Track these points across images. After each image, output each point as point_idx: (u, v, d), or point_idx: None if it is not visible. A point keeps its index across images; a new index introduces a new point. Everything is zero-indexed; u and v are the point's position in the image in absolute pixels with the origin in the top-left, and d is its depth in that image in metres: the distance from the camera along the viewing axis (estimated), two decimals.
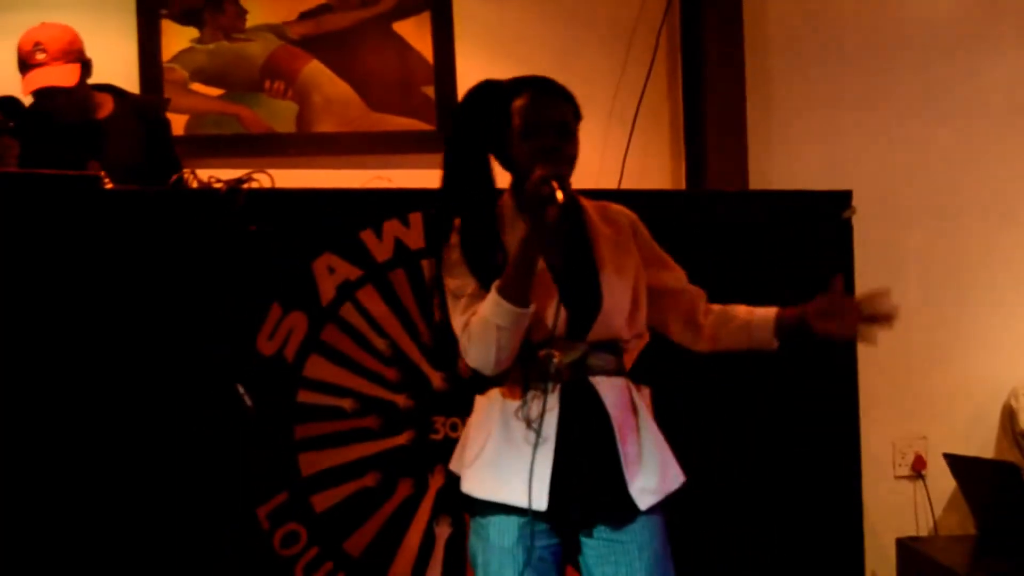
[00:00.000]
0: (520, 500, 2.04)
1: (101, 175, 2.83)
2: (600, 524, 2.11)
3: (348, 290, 2.87)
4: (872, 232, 3.31)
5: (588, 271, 2.13)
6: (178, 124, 3.74)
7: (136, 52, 3.84)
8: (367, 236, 2.89)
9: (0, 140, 3.12)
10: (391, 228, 2.90)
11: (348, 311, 2.87)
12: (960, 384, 4.01)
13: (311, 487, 2.83)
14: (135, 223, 2.76)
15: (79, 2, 3.73)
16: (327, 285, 2.86)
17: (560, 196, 1.94)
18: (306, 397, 2.85)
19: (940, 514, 3.99)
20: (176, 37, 3.88)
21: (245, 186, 2.81)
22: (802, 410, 3.08)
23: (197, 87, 3.89)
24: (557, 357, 2.08)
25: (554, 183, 1.95)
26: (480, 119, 2.15)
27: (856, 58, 4.11)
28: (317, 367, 2.85)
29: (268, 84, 3.91)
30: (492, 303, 2.00)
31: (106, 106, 3.31)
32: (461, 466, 2.16)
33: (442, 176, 2.18)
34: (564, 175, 2.01)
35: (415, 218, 2.90)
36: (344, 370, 2.87)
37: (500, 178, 2.20)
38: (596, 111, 4.01)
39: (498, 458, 2.08)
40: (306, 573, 2.82)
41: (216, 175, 2.86)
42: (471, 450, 2.13)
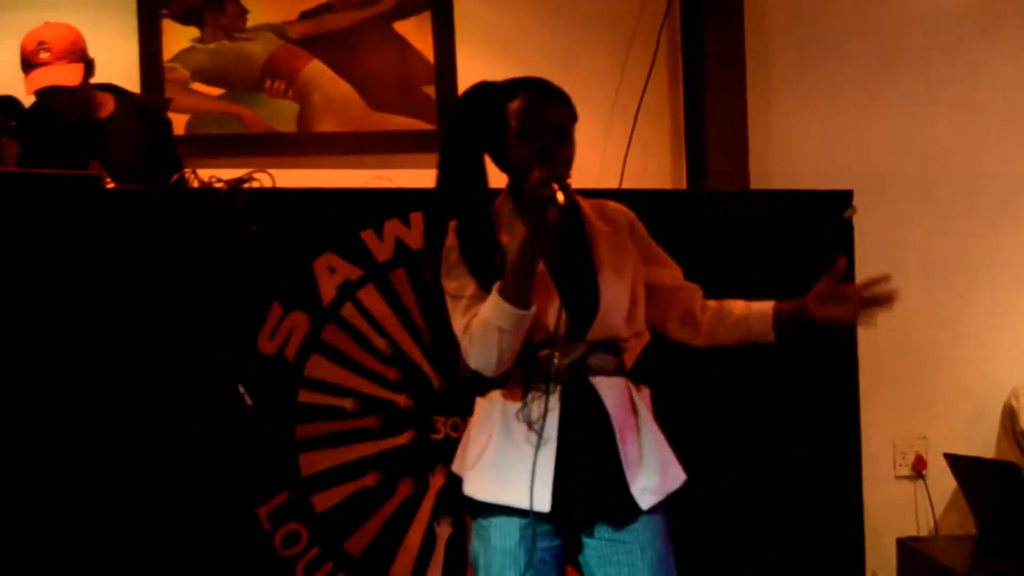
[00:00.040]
0: (522, 502, 2.03)
1: (101, 175, 2.83)
2: (602, 524, 2.11)
3: (349, 290, 2.87)
4: (873, 232, 3.31)
5: (586, 271, 2.13)
6: (179, 124, 3.75)
7: (137, 52, 3.84)
8: (368, 236, 2.89)
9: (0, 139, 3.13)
10: (392, 228, 2.90)
11: (349, 311, 2.87)
12: (960, 384, 4.01)
13: (312, 487, 2.83)
14: (136, 223, 2.76)
15: (80, 2, 3.73)
16: (328, 285, 2.86)
17: (561, 198, 1.94)
18: (307, 397, 2.85)
19: (940, 514, 3.99)
20: (177, 37, 3.88)
21: (246, 186, 2.81)
22: (802, 410, 3.08)
23: (198, 87, 3.89)
24: (557, 358, 2.07)
25: (555, 185, 1.95)
26: (476, 121, 2.14)
27: (856, 57, 4.11)
28: (318, 367, 2.85)
29: (269, 84, 3.91)
30: (493, 305, 2.00)
31: (107, 106, 3.30)
32: (463, 468, 2.16)
33: (437, 177, 2.17)
34: (564, 177, 2.01)
35: (416, 218, 2.90)
36: (345, 370, 2.87)
37: (493, 179, 2.20)
38: (597, 111, 4.00)
39: (500, 460, 2.08)
40: (307, 573, 2.82)
41: (217, 175, 2.86)
42: (472, 452, 2.13)
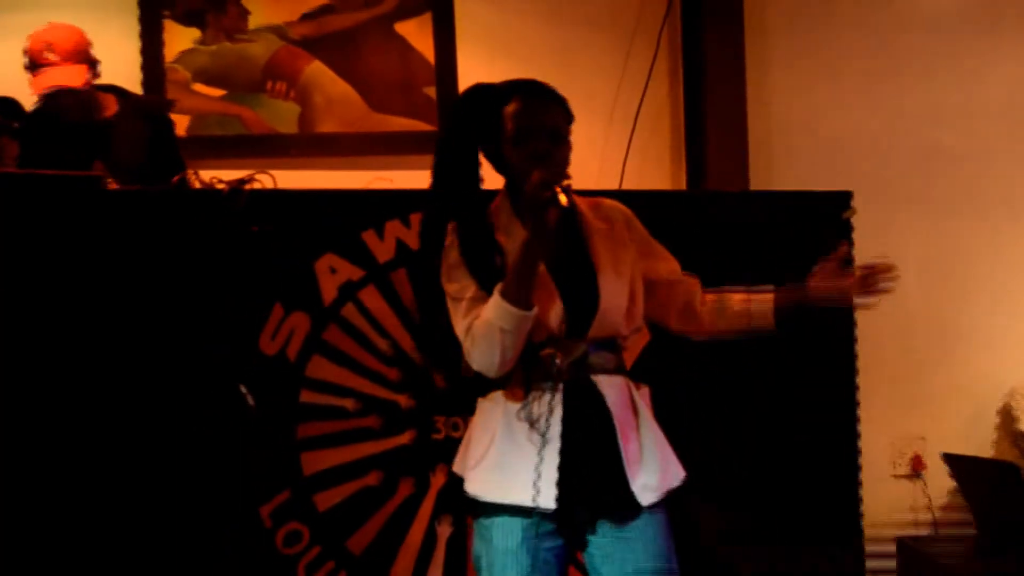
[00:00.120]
0: (526, 500, 2.04)
1: (102, 175, 2.83)
2: (604, 522, 2.11)
3: (350, 290, 2.88)
4: (872, 233, 3.31)
5: (586, 270, 2.13)
6: (180, 125, 3.76)
7: (138, 52, 3.85)
8: (369, 236, 2.90)
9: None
10: (393, 228, 2.91)
11: (350, 311, 2.88)
12: (958, 384, 4.02)
13: (313, 486, 2.84)
14: (138, 224, 2.76)
15: (82, 2, 3.74)
16: (329, 285, 2.87)
17: (564, 199, 1.95)
18: (308, 397, 2.85)
19: (939, 514, 3.99)
20: (179, 38, 3.89)
21: (247, 187, 2.81)
22: (801, 410, 3.08)
23: (199, 88, 3.90)
24: (559, 357, 2.08)
25: (557, 188, 1.95)
26: (472, 123, 2.15)
27: (856, 58, 4.12)
28: (319, 367, 2.86)
29: (270, 85, 3.92)
30: (495, 306, 2.00)
31: (110, 106, 3.30)
32: (464, 468, 2.16)
33: (432, 178, 2.18)
34: (562, 179, 2.00)
35: (417, 219, 2.90)
36: (346, 370, 2.88)
37: (488, 180, 2.21)
38: (597, 112, 4.02)
39: (503, 459, 2.08)
40: (308, 572, 2.82)
41: (218, 176, 2.86)
42: (475, 452, 2.14)
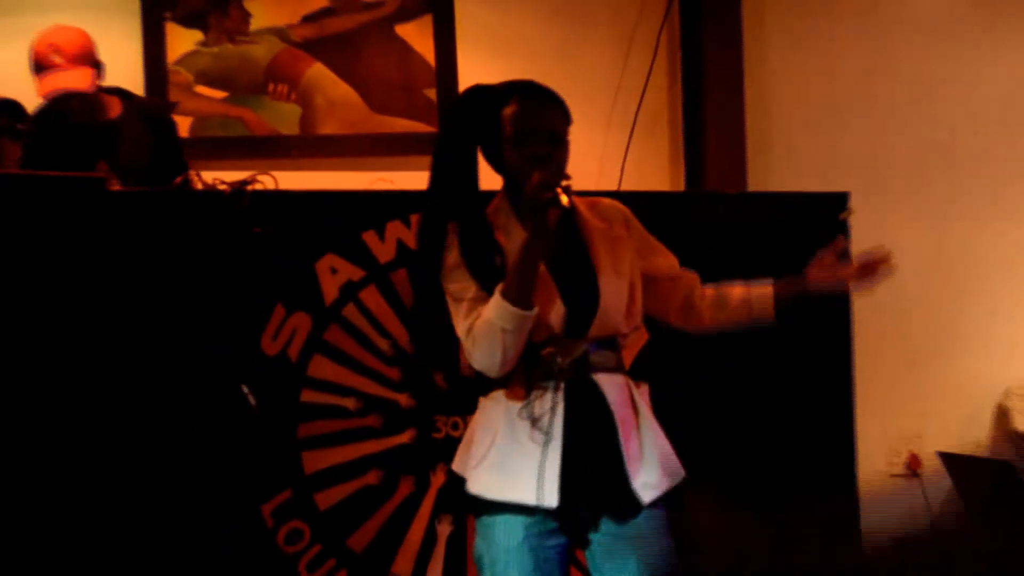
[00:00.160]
0: (530, 499, 2.05)
1: (105, 176, 2.84)
2: (605, 520, 2.12)
3: (351, 291, 2.89)
4: (869, 233, 3.32)
5: (585, 269, 2.14)
6: (183, 126, 3.75)
7: (140, 54, 3.86)
8: (369, 237, 2.91)
9: (0, 141, 3.14)
10: (393, 229, 2.92)
11: (351, 311, 2.89)
12: (954, 384, 4.03)
13: (314, 485, 2.85)
14: (140, 225, 2.77)
15: (84, 4, 3.75)
16: (330, 286, 2.88)
17: (565, 200, 1.97)
18: (309, 396, 2.87)
19: (936, 513, 4.00)
20: (181, 40, 3.90)
21: (249, 188, 2.82)
22: (798, 409, 3.09)
23: (202, 89, 3.91)
24: (560, 356, 2.10)
25: (558, 189, 1.97)
26: (471, 124, 2.16)
27: (854, 60, 4.13)
28: (320, 367, 2.87)
29: (272, 87, 3.93)
30: (496, 307, 2.02)
31: (114, 108, 3.30)
32: (465, 467, 2.17)
33: (429, 179, 2.18)
34: (561, 180, 2.01)
35: (417, 219, 2.91)
36: (347, 370, 2.89)
37: (486, 181, 2.22)
38: (596, 113, 4.03)
39: (505, 458, 2.09)
40: (309, 570, 2.84)
41: (220, 177, 2.88)
42: (477, 451, 2.14)
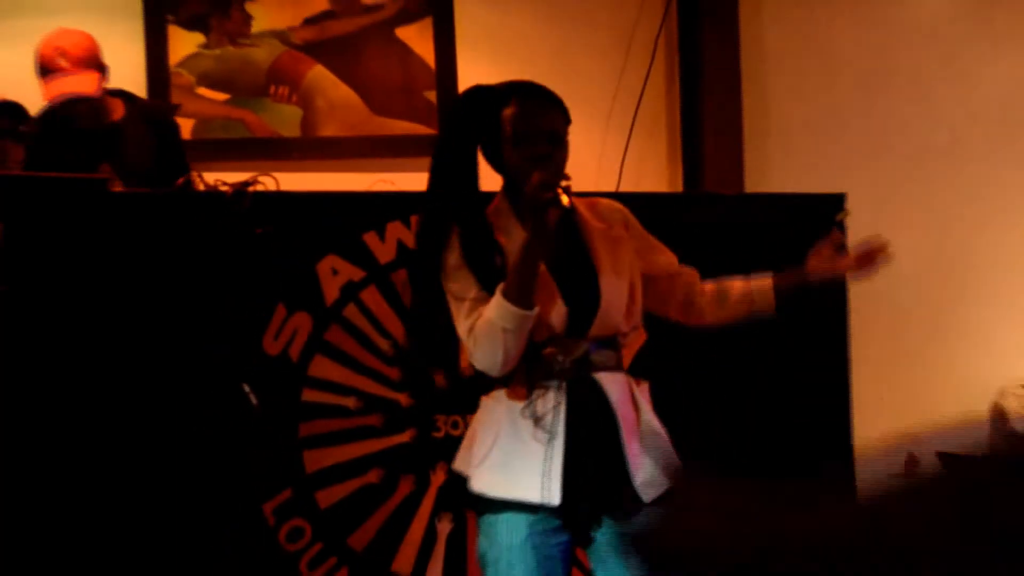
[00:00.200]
0: (534, 496, 2.07)
1: (107, 178, 2.86)
2: (607, 517, 2.14)
3: (352, 291, 2.91)
4: (866, 234, 3.34)
5: (586, 269, 2.16)
6: (185, 128, 3.77)
7: (143, 57, 3.88)
8: (370, 238, 2.93)
9: (2, 143, 3.15)
10: (394, 230, 2.94)
11: (352, 312, 2.91)
12: (951, 384, 4.04)
13: (315, 484, 2.87)
14: (142, 226, 2.79)
15: (86, 7, 3.77)
16: (331, 286, 2.90)
17: (566, 200, 1.99)
18: (310, 396, 2.88)
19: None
20: (183, 42, 3.92)
21: (250, 189, 2.84)
22: (796, 410, 3.11)
23: (203, 92, 3.93)
24: (561, 356, 2.11)
25: (558, 189, 1.99)
26: (470, 124, 2.17)
27: (851, 61, 4.15)
28: (321, 366, 2.89)
29: (273, 89, 3.95)
30: (497, 307, 2.03)
31: (118, 111, 3.31)
32: (467, 466, 2.18)
33: (429, 179, 2.19)
34: (561, 180, 2.03)
35: (417, 220, 2.93)
36: (348, 369, 2.90)
37: (485, 182, 2.23)
38: (595, 115, 4.05)
39: (508, 456, 2.11)
40: (310, 568, 2.85)
41: (222, 178, 2.89)
42: (479, 450, 2.15)
